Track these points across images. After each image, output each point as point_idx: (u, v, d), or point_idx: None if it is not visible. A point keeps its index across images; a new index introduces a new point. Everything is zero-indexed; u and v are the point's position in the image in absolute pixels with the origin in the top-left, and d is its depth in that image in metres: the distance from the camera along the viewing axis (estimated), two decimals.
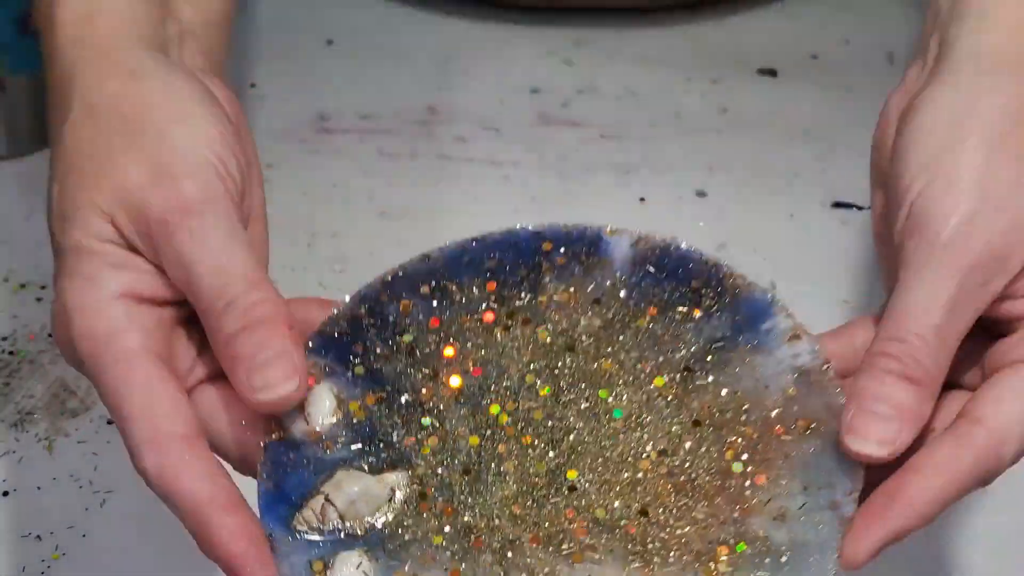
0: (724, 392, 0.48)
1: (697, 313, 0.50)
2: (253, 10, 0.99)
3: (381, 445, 0.47)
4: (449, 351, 0.50)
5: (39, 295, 0.78)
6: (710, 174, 0.89)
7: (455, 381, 0.49)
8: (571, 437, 0.47)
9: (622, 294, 0.51)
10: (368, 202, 0.85)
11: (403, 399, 0.48)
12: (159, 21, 0.51)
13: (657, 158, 0.89)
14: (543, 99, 0.94)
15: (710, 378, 0.49)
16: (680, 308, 0.50)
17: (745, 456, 0.47)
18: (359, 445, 0.47)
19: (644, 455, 0.47)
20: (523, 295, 0.51)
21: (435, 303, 0.51)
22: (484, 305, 0.50)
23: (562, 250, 0.52)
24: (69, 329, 0.46)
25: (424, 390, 0.49)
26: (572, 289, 0.51)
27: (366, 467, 0.47)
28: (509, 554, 0.45)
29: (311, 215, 0.83)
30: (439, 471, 0.47)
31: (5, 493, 0.68)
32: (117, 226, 0.46)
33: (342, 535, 0.45)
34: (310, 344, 0.50)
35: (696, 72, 0.96)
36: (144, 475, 0.46)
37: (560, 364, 0.49)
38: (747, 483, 0.46)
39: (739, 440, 0.47)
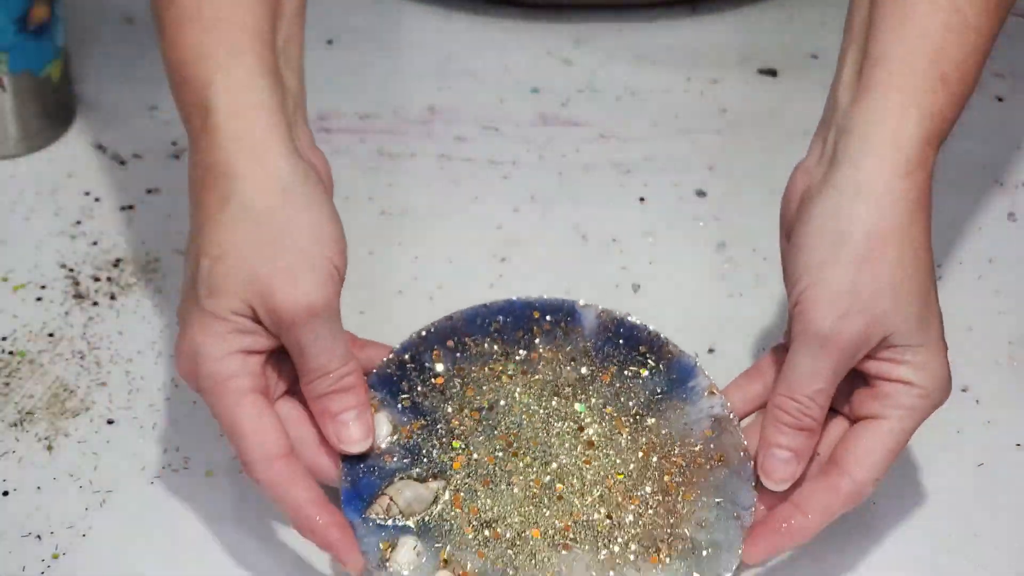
0: (663, 431, 0.67)
1: (644, 372, 0.69)
2: None
3: (425, 460, 0.65)
4: (469, 392, 0.68)
5: (39, 295, 0.78)
6: (710, 174, 0.89)
7: (475, 415, 0.67)
8: (558, 460, 0.65)
9: (592, 354, 0.69)
10: (368, 202, 0.85)
11: (439, 427, 0.66)
12: (285, 105, 0.64)
13: (657, 158, 0.90)
14: (543, 99, 0.94)
15: (652, 420, 0.67)
16: (631, 367, 0.69)
17: (678, 479, 0.65)
18: (409, 459, 0.65)
19: (609, 476, 0.65)
20: (520, 351, 0.69)
21: (458, 354, 0.69)
22: (493, 357, 0.68)
23: (548, 317, 0.70)
24: (197, 368, 0.62)
25: (454, 420, 0.66)
26: (555, 348, 0.69)
27: (415, 476, 0.64)
28: (518, 542, 0.63)
29: None
30: (467, 481, 0.64)
31: (5, 493, 0.69)
32: (253, 309, 0.62)
33: (401, 525, 0.63)
34: (371, 380, 0.67)
35: (696, 72, 0.97)
36: (257, 484, 0.62)
37: (549, 405, 0.67)
38: (679, 498, 0.64)
39: (673, 467, 0.65)
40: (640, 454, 0.66)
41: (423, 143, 0.90)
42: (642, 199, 0.87)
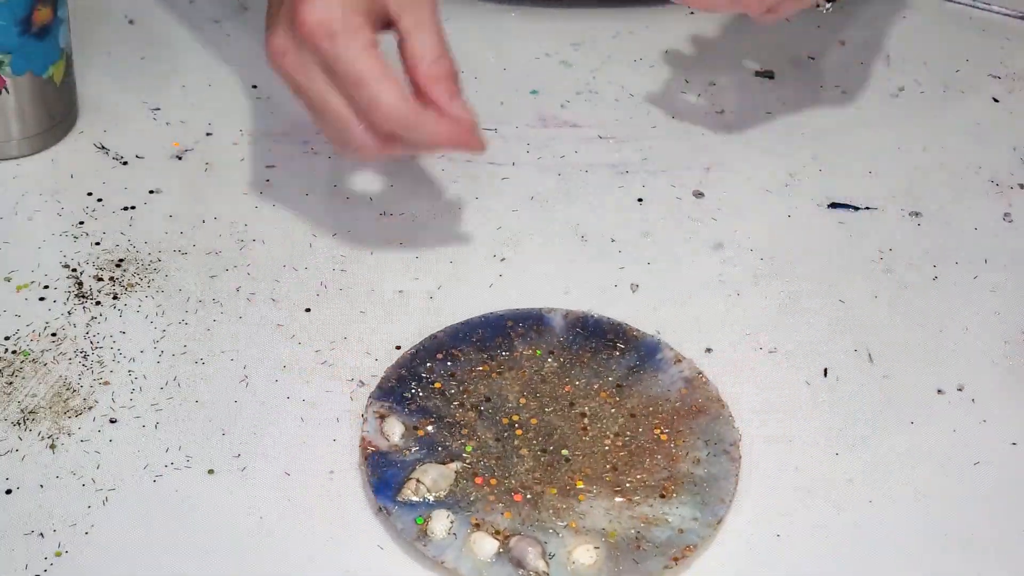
0: (644, 396, 0.74)
1: (616, 353, 0.76)
2: (253, 10, 1.00)
3: (440, 449, 0.71)
4: (466, 391, 0.74)
5: (42, 295, 0.78)
6: (707, 174, 0.89)
7: (475, 409, 0.73)
8: (559, 431, 0.72)
9: (566, 346, 0.76)
10: (368, 203, 0.85)
11: (446, 421, 0.72)
12: None
13: (655, 159, 0.90)
14: (542, 100, 0.94)
15: (633, 389, 0.74)
16: (604, 352, 0.76)
17: (667, 431, 0.72)
18: (425, 450, 0.70)
19: (606, 437, 0.72)
20: (503, 353, 0.76)
21: (448, 363, 0.75)
22: (481, 361, 0.75)
23: (520, 325, 0.77)
24: (341, 13, 0.70)
25: (458, 415, 0.72)
26: (533, 347, 0.76)
27: (435, 461, 0.70)
28: (539, 500, 0.69)
29: (311, 215, 0.84)
30: (482, 460, 0.70)
31: (8, 491, 0.69)
32: None
33: (431, 501, 0.68)
34: (375, 394, 0.72)
35: (694, 74, 0.97)
36: (398, 121, 0.72)
37: (539, 391, 0.74)
38: (672, 445, 0.71)
39: (661, 423, 0.72)
40: (630, 416, 0.72)
41: None
42: (640, 200, 0.87)
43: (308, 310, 0.78)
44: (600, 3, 1.01)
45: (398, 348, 0.76)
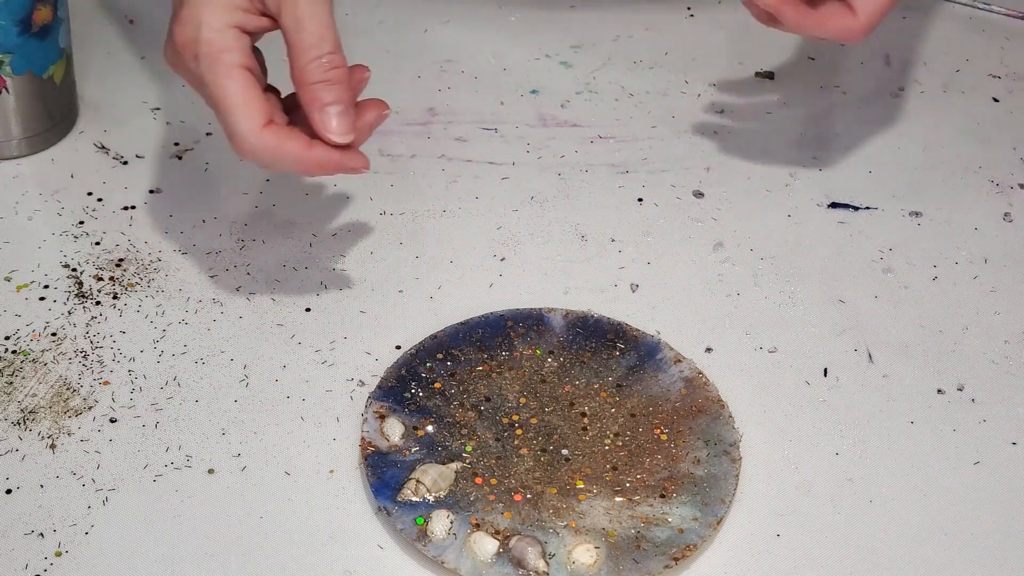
0: (644, 396, 0.74)
1: (616, 353, 0.76)
2: None
3: (440, 449, 0.70)
4: (466, 391, 0.73)
5: (42, 295, 0.78)
6: (708, 175, 0.89)
7: (475, 409, 0.73)
8: (559, 431, 0.72)
9: (566, 346, 0.76)
10: (369, 202, 0.85)
11: (446, 421, 0.72)
12: None
13: (655, 159, 0.90)
14: (542, 100, 0.94)
15: (632, 389, 0.74)
16: (604, 352, 0.76)
17: (667, 431, 0.72)
18: (425, 451, 0.70)
19: (606, 437, 0.72)
20: (503, 353, 0.75)
21: (448, 363, 0.75)
22: (480, 361, 0.75)
23: (520, 324, 0.77)
24: (198, 35, 0.67)
25: (458, 415, 0.72)
26: (532, 347, 0.76)
27: (435, 461, 0.69)
28: (539, 500, 0.68)
29: (311, 215, 0.84)
30: (482, 460, 0.70)
31: (8, 491, 0.69)
32: None
33: (431, 501, 0.68)
34: (376, 394, 0.72)
35: (694, 74, 0.97)
36: (250, 155, 0.68)
37: (538, 390, 0.74)
38: (672, 446, 0.71)
39: (660, 423, 0.72)
40: (630, 416, 0.72)
41: (423, 144, 0.90)
42: (640, 200, 0.87)
43: (308, 310, 0.78)
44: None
45: (398, 348, 0.76)
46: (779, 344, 0.78)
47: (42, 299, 0.78)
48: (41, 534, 0.67)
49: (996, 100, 0.96)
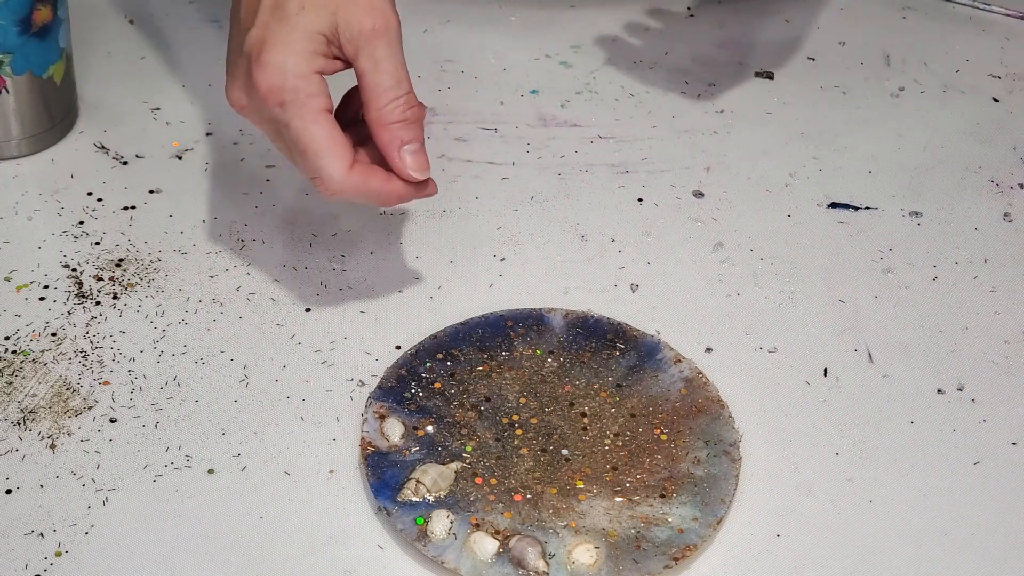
0: (644, 396, 0.74)
1: (616, 353, 0.76)
2: None
3: (440, 449, 0.71)
4: (466, 391, 0.73)
5: (42, 295, 0.78)
6: (707, 175, 0.89)
7: (475, 409, 0.73)
8: (559, 431, 0.72)
9: (566, 346, 0.76)
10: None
11: (446, 421, 0.72)
12: None
13: (655, 159, 0.90)
14: (542, 100, 0.94)
15: (632, 389, 0.74)
16: (604, 352, 0.76)
17: (667, 431, 0.72)
18: (425, 451, 0.70)
19: (606, 437, 0.72)
20: (503, 353, 0.76)
21: (448, 363, 0.75)
22: (480, 361, 0.75)
23: (520, 325, 0.77)
24: (284, 82, 0.69)
25: (458, 415, 0.72)
26: (532, 347, 0.76)
27: (435, 461, 0.70)
28: (539, 500, 0.68)
29: (311, 215, 0.84)
30: (482, 460, 0.70)
31: (8, 491, 0.69)
32: (337, 27, 0.69)
33: (431, 501, 0.68)
34: (375, 394, 0.72)
35: (694, 74, 0.97)
36: (339, 193, 0.70)
37: (538, 391, 0.74)
38: (672, 446, 0.71)
39: (660, 423, 0.72)
40: (630, 416, 0.73)
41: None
42: (640, 200, 0.87)
43: (308, 310, 0.78)
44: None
45: (398, 348, 0.76)
46: (779, 344, 0.78)
47: (42, 299, 0.78)
48: (41, 534, 0.67)
49: (996, 100, 0.96)
